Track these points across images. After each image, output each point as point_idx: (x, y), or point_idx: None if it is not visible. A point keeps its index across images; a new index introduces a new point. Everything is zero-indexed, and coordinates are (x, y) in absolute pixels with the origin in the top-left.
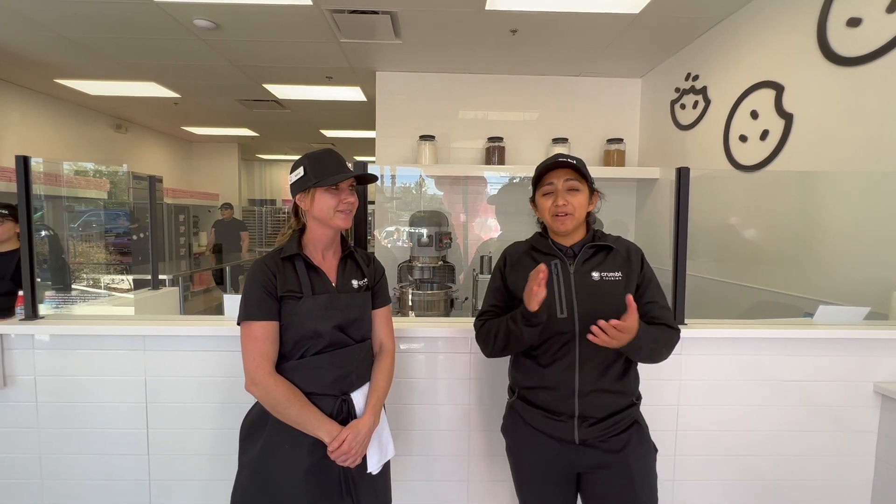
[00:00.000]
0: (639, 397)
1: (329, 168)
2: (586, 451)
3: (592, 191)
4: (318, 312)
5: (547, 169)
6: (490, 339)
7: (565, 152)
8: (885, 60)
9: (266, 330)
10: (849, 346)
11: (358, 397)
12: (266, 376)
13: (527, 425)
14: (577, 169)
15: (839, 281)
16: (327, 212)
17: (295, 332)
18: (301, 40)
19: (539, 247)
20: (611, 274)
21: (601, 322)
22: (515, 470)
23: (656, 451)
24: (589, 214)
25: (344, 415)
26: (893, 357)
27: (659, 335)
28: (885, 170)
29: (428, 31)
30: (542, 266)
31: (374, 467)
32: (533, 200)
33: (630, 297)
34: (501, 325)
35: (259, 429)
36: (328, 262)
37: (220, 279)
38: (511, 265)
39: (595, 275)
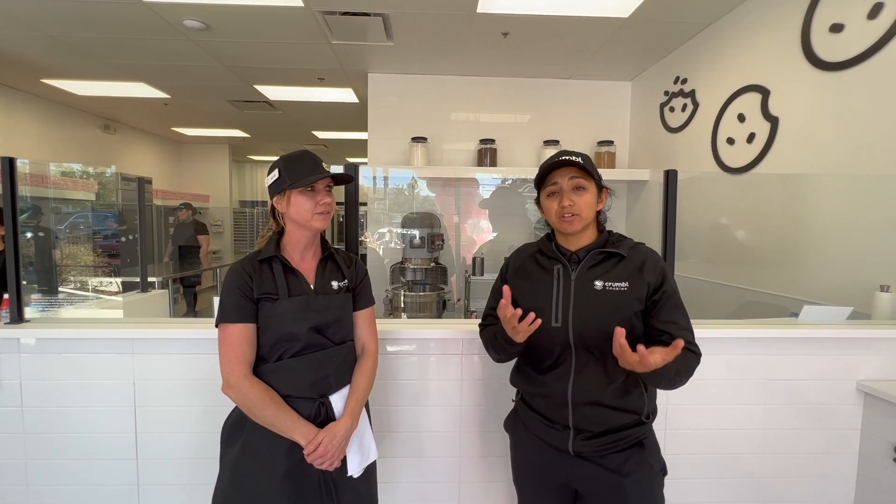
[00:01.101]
0: (650, 415)
1: (303, 169)
2: (582, 464)
3: (601, 188)
4: (293, 314)
5: (550, 168)
6: (488, 348)
7: (572, 149)
8: (868, 65)
9: (242, 333)
10: (832, 346)
11: (337, 400)
12: (241, 379)
13: (525, 428)
14: (583, 166)
15: (823, 281)
16: (304, 214)
17: (271, 335)
18: (292, 42)
19: (544, 250)
20: (615, 284)
21: (618, 341)
22: (513, 467)
23: (664, 473)
24: (599, 214)
25: (322, 417)
26: (875, 355)
27: (682, 364)
28: (868, 172)
29: (420, 33)
30: (507, 290)
31: (354, 470)
32: (538, 202)
33: (644, 350)
34: (491, 336)
35: (238, 431)
36: (307, 264)
37: (189, 287)
38: (514, 269)
39: (598, 283)
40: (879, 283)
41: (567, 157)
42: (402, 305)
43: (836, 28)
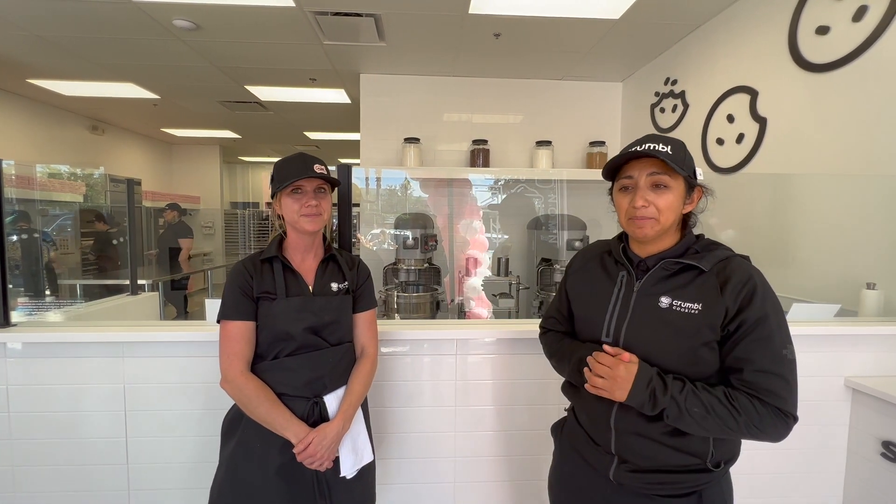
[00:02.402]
0: (721, 463)
1: (290, 172)
2: (623, 495)
3: (692, 186)
4: (290, 314)
5: (625, 159)
6: (551, 357)
7: (658, 134)
8: (852, 67)
9: (241, 330)
10: (821, 343)
11: (331, 400)
12: (238, 375)
13: (569, 439)
14: (667, 160)
15: (811, 280)
16: (291, 215)
17: (268, 333)
18: (284, 42)
19: (613, 252)
20: (685, 304)
21: (593, 357)
22: (551, 473)
23: None
24: (690, 216)
25: (315, 417)
26: (863, 352)
27: (717, 404)
28: (854, 172)
29: (412, 34)
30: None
31: (347, 471)
32: (612, 194)
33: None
34: (556, 348)
35: (235, 426)
36: (308, 265)
37: (178, 290)
38: (576, 268)
39: (664, 300)
40: (866, 281)
41: (649, 146)
42: (396, 306)
43: (822, 30)
